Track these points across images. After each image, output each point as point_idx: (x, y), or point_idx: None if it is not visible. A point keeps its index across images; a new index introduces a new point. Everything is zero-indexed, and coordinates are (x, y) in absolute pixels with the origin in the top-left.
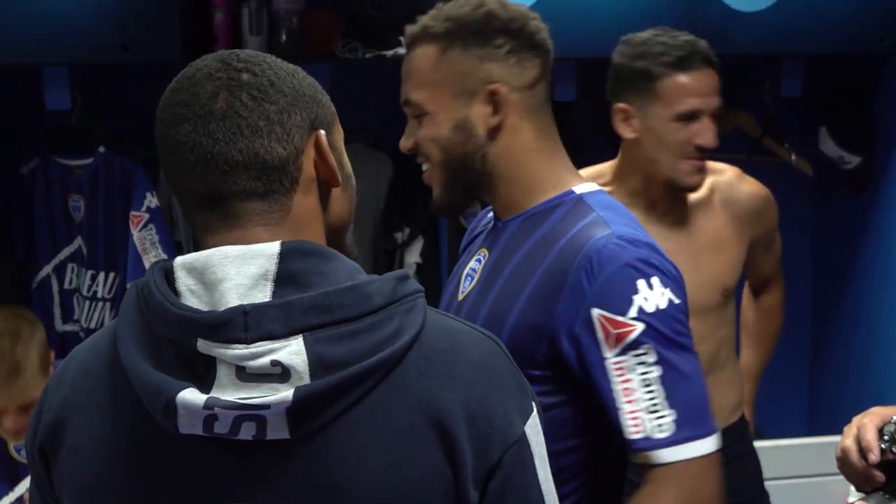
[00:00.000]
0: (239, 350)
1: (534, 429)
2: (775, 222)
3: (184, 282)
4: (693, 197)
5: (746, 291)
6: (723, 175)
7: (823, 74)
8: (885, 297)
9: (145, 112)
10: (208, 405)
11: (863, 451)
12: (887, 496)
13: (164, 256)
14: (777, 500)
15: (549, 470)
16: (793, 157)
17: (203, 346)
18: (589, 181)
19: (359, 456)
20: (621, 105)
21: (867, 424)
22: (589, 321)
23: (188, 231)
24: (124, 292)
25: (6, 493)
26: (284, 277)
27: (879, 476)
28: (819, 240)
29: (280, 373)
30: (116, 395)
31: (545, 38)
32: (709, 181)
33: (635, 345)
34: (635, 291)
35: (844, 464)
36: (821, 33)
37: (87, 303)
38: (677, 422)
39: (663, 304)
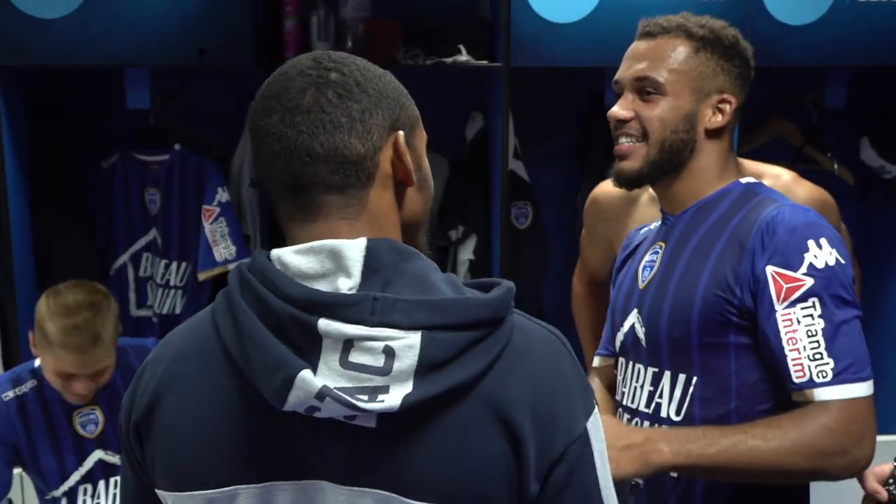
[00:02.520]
0: (360, 330)
1: (595, 425)
2: (837, 222)
3: (294, 269)
4: None
5: None
6: (779, 179)
7: (866, 86)
8: None
9: (219, 112)
10: (320, 394)
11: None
12: None
13: (234, 248)
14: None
15: (607, 465)
16: (835, 165)
17: (324, 323)
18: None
19: (434, 444)
20: None
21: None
22: (764, 277)
23: (256, 224)
24: (195, 281)
25: (75, 469)
26: (370, 269)
27: None
28: (860, 245)
29: (382, 364)
30: (216, 375)
31: (752, 73)
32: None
33: (804, 297)
34: (806, 249)
35: None
36: (864, 47)
37: (161, 290)
38: (835, 369)
39: (832, 262)
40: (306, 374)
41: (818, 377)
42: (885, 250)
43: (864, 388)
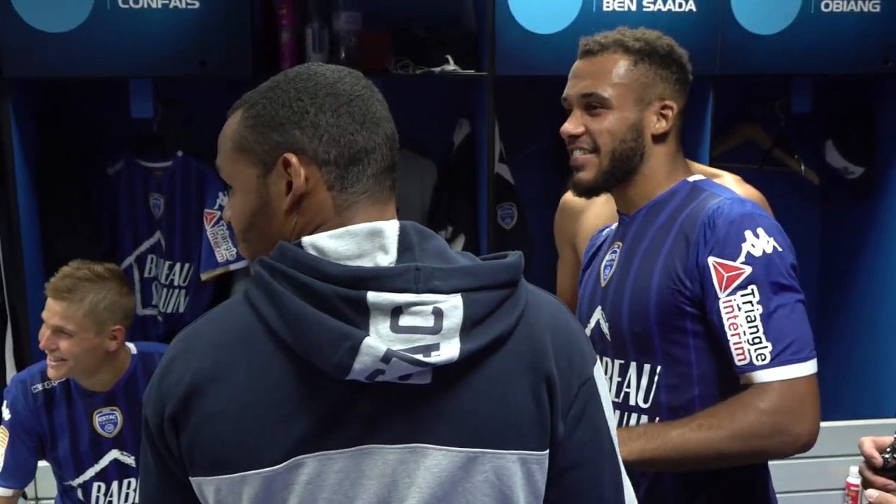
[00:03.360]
0: (409, 297)
1: (599, 373)
2: None
3: (330, 252)
4: None
5: None
6: (723, 180)
7: (831, 92)
8: (885, 294)
9: (220, 120)
10: (387, 356)
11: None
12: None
13: (234, 249)
14: (781, 479)
15: (611, 410)
16: (802, 167)
17: (373, 296)
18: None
19: (479, 394)
20: None
21: (864, 441)
22: (708, 268)
23: None
24: (198, 281)
25: (91, 465)
26: (403, 247)
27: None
28: (824, 242)
29: (432, 325)
30: (263, 360)
31: (691, 78)
32: None
33: (743, 285)
34: (744, 240)
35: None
36: (829, 55)
37: (165, 290)
38: (773, 351)
39: (769, 250)
40: (371, 339)
41: (757, 360)
42: (848, 246)
43: (803, 368)
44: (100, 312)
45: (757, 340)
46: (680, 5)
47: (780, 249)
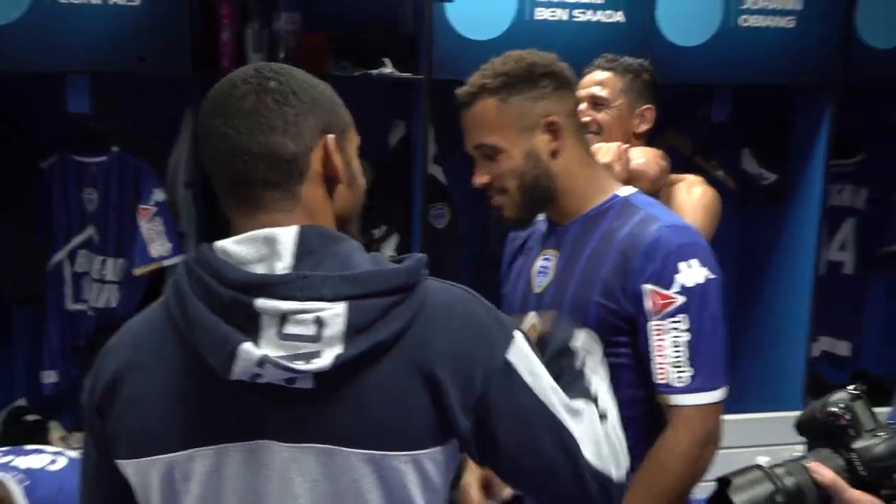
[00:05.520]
0: (292, 305)
1: (518, 352)
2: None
3: (234, 256)
4: None
5: None
6: (686, 181)
7: (749, 103)
8: (795, 293)
9: (157, 116)
10: (261, 361)
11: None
12: (829, 449)
13: (169, 245)
14: None
15: (545, 380)
16: (720, 173)
17: (260, 302)
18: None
19: (364, 398)
20: None
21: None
22: (644, 293)
23: (191, 222)
24: (130, 276)
25: None
26: (303, 252)
27: None
28: (741, 244)
29: (313, 333)
30: (171, 354)
31: (572, 74)
32: None
33: (674, 313)
34: (678, 271)
35: None
36: (748, 68)
37: (97, 285)
38: (693, 377)
39: (701, 280)
40: (247, 346)
41: (676, 383)
42: (763, 247)
43: (714, 396)
44: None
45: (679, 365)
46: (609, 15)
47: (712, 277)
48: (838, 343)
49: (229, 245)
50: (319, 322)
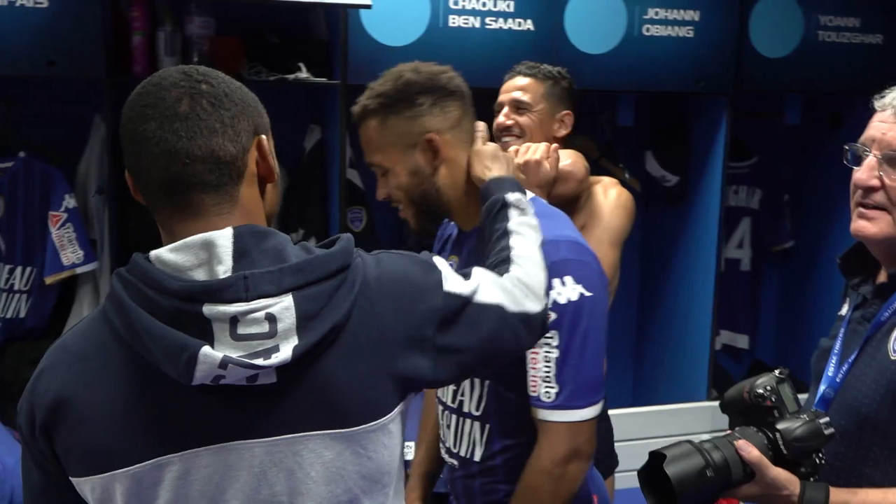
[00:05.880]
0: (241, 307)
1: (451, 281)
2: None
3: (171, 265)
4: None
5: None
6: (602, 183)
7: (651, 108)
8: (695, 290)
9: (67, 121)
10: (223, 363)
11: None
12: (754, 428)
13: (81, 252)
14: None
15: (485, 286)
16: (626, 175)
17: (208, 309)
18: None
19: (328, 381)
20: None
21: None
22: None
23: (103, 229)
24: (41, 285)
25: None
26: (239, 252)
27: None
28: (644, 243)
29: (267, 329)
30: (119, 367)
31: (458, 84)
32: None
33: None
34: (551, 287)
35: None
36: (649, 74)
37: (4, 295)
38: (559, 394)
39: (574, 297)
40: (207, 349)
41: (544, 398)
42: (665, 246)
43: (583, 413)
44: None
45: (548, 380)
46: (519, 24)
47: (587, 295)
48: (738, 336)
49: (164, 254)
50: (271, 318)
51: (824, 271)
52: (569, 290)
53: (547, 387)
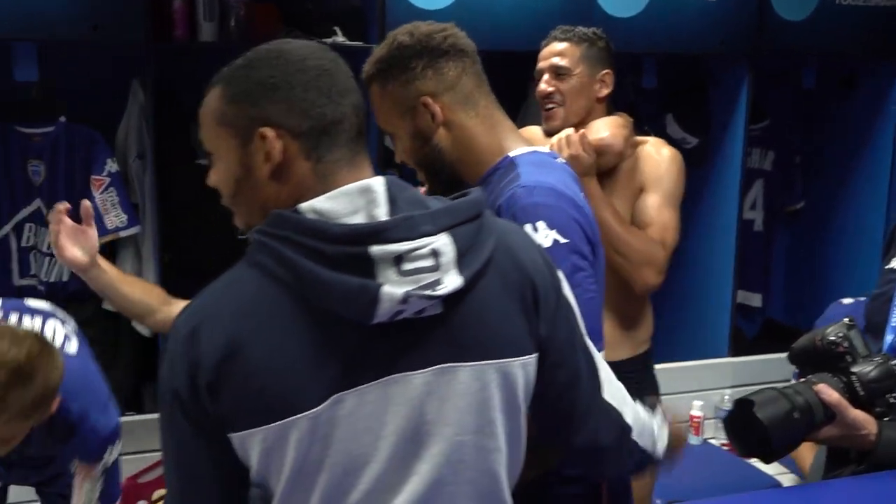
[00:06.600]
0: (407, 245)
1: (566, 282)
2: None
3: (327, 213)
4: None
5: None
6: (649, 143)
7: (673, 70)
8: (716, 249)
9: (108, 85)
10: (405, 298)
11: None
12: (828, 374)
13: (125, 216)
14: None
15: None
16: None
17: (376, 249)
18: (527, 145)
19: (484, 311)
20: None
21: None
22: None
23: (144, 193)
24: None
25: None
26: (391, 199)
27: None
28: None
29: (431, 263)
30: (287, 316)
31: (454, 42)
32: None
33: None
34: None
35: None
36: (671, 37)
37: (46, 259)
38: None
39: (548, 244)
40: (387, 287)
41: None
42: (685, 207)
43: None
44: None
45: None
46: None
47: (561, 241)
48: (751, 296)
49: (320, 202)
50: (435, 253)
51: (833, 231)
52: (541, 237)
53: None
